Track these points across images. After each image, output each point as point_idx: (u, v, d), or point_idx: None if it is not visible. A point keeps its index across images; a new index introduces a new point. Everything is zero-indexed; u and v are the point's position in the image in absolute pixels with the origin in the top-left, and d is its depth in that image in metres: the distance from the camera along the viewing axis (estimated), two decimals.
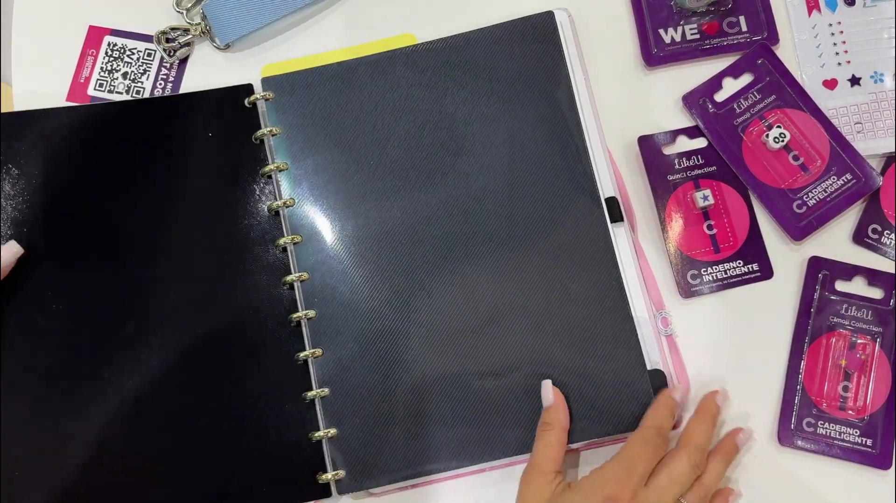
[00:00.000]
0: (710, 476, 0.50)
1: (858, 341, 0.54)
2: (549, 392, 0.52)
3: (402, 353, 0.54)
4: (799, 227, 0.56)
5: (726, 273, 0.56)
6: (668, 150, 0.58)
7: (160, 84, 0.61)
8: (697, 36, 0.59)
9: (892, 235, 0.56)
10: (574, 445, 0.53)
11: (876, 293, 0.55)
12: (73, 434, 0.53)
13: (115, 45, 0.62)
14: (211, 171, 0.57)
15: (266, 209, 0.57)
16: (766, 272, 0.56)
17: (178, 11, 0.61)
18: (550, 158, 0.56)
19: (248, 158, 0.57)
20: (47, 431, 0.53)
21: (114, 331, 0.54)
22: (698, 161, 0.57)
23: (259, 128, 0.57)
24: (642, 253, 0.56)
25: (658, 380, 0.53)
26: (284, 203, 0.56)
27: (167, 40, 0.61)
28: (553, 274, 0.55)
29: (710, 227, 0.57)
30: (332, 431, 0.54)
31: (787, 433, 0.53)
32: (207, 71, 0.61)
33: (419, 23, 0.60)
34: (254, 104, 0.58)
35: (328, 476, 0.53)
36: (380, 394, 0.54)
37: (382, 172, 0.56)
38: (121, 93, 0.61)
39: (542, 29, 0.58)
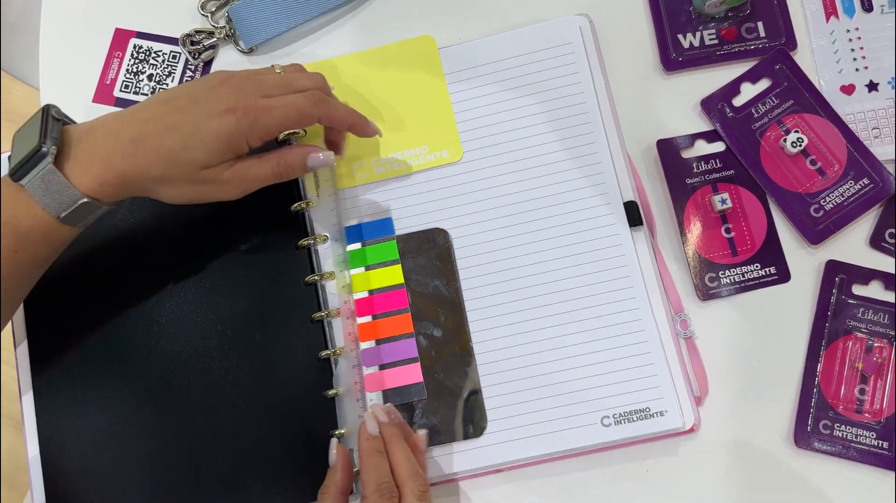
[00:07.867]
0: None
1: (875, 345, 0.55)
2: (334, 450, 0.51)
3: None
4: (816, 231, 0.56)
5: (744, 276, 0.56)
6: (687, 154, 0.58)
7: None
8: (716, 41, 0.60)
9: None
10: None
11: (893, 297, 0.55)
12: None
13: (140, 47, 0.63)
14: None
15: (289, 209, 0.57)
16: (783, 275, 0.56)
17: (203, 15, 0.62)
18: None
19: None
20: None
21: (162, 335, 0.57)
22: (716, 165, 0.58)
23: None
24: (661, 256, 0.57)
25: None
26: (307, 203, 0.57)
27: (192, 43, 0.62)
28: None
29: (728, 231, 0.57)
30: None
31: (804, 435, 0.54)
32: None
33: (440, 25, 0.61)
34: None
35: None
36: None
37: None
38: (146, 94, 0.62)
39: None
